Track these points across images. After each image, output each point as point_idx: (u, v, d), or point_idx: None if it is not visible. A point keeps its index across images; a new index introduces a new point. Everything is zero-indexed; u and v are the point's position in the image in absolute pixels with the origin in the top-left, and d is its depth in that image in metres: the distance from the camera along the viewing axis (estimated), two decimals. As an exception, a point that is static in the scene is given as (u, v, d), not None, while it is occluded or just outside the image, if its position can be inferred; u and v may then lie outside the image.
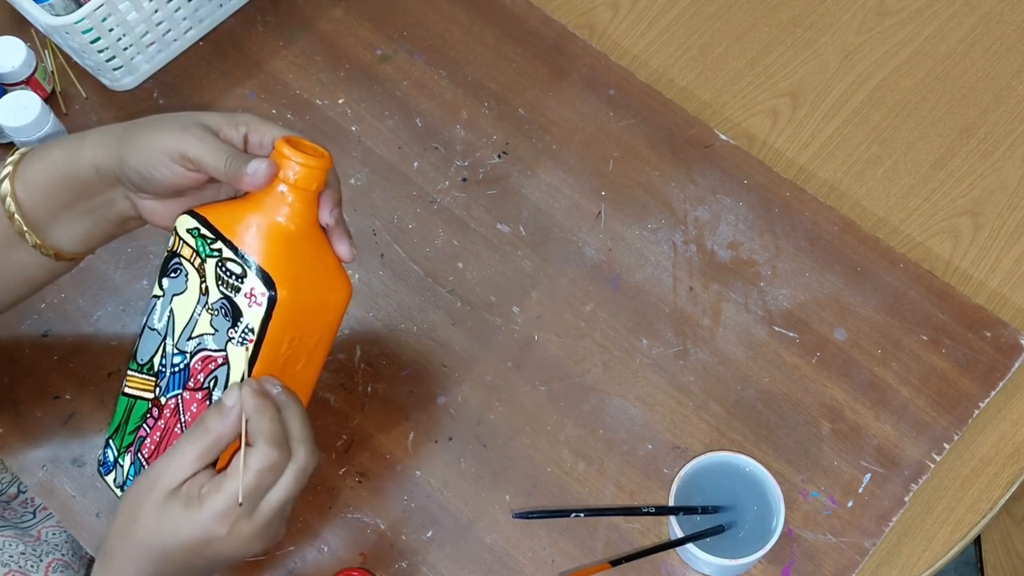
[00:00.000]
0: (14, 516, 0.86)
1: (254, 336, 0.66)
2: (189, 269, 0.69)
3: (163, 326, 0.70)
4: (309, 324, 0.69)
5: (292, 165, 0.67)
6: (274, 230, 0.67)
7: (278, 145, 0.68)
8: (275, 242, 0.67)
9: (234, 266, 0.66)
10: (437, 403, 0.86)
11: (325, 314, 0.71)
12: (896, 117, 0.98)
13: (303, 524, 0.82)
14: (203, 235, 0.68)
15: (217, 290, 0.67)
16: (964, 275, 0.90)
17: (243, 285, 0.66)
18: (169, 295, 0.70)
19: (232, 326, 0.67)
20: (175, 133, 0.68)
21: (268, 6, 1.05)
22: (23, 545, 0.82)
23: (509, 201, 0.94)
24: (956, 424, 0.83)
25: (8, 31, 1.01)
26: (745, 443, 0.83)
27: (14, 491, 0.88)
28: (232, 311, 0.67)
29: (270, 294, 0.66)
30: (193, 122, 0.69)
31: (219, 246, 0.67)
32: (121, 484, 0.73)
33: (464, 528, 0.82)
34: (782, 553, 0.80)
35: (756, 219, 0.92)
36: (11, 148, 0.98)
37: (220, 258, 0.67)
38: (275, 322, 0.66)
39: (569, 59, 1.00)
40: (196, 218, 0.68)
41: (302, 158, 0.67)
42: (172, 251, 0.70)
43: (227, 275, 0.67)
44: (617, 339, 0.88)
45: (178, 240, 0.69)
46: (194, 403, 0.69)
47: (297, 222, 0.68)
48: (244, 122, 0.71)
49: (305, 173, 0.67)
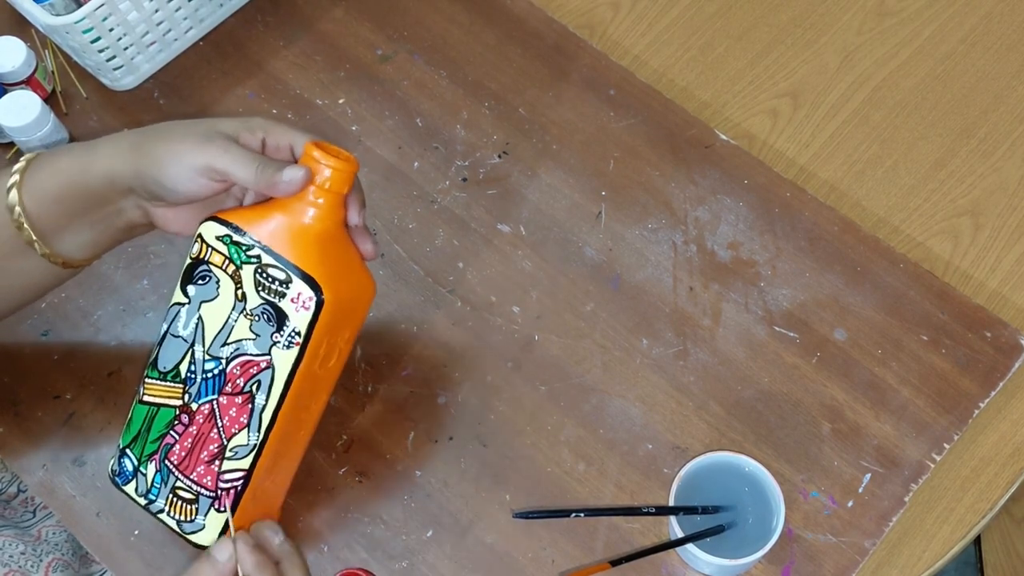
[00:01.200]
0: (14, 515, 0.86)
1: (300, 339, 0.68)
2: (221, 276, 0.69)
3: (190, 333, 0.70)
4: (343, 323, 0.71)
5: (323, 169, 0.68)
6: (310, 233, 0.69)
7: (308, 149, 0.69)
8: (313, 245, 0.68)
9: (276, 272, 0.67)
10: (437, 403, 0.86)
11: (356, 312, 0.73)
12: (896, 117, 0.98)
13: (303, 524, 0.82)
14: (236, 242, 0.68)
15: (257, 296, 0.68)
16: (964, 275, 0.90)
17: (288, 290, 0.67)
18: (197, 302, 0.70)
19: (277, 330, 0.68)
20: (198, 145, 0.68)
21: (268, 6, 1.05)
22: (23, 545, 0.82)
23: (509, 201, 0.94)
24: (956, 424, 0.83)
25: (8, 31, 1.01)
26: (745, 443, 0.83)
27: (14, 490, 0.88)
28: (276, 316, 0.68)
29: (318, 298, 0.67)
30: (213, 132, 0.69)
31: (257, 252, 0.68)
32: (144, 492, 0.72)
33: (464, 528, 0.82)
34: (782, 553, 0.80)
35: (756, 219, 0.92)
36: (11, 148, 0.98)
37: (259, 264, 0.68)
38: (320, 324, 0.68)
39: (569, 59, 1.00)
40: (224, 224, 0.69)
41: (334, 162, 0.68)
42: (198, 258, 0.70)
43: (269, 281, 0.67)
44: (617, 339, 0.88)
45: (206, 247, 0.69)
46: (232, 407, 0.69)
47: (328, 224, 0.70)
48: (260, 126, 0.70)
49: (337, 177, 0.68)
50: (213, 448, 0.70)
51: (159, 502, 0.72)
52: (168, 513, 0.72)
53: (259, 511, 0.75)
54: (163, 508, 0.72)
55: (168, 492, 0.72)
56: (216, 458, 0.70)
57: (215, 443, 0.70)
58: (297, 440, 0.75)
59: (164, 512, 0.72)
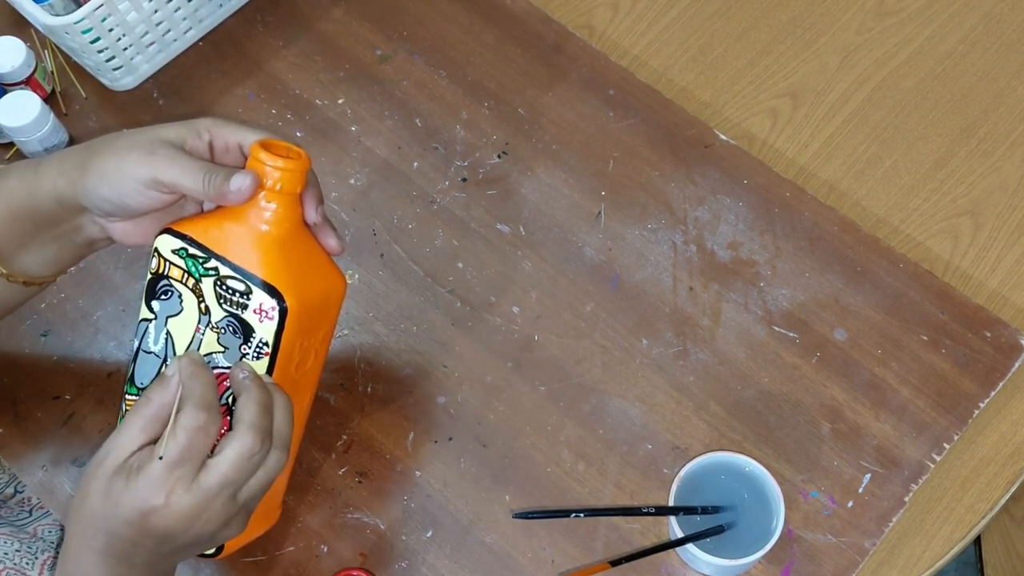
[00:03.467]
0: (10, 514, 0.85)
1: (269, 349, 0.66)
2: (182, 290, 0.67)
3: (161, 348, 0.69)
4: (315, 324, 0.70)
5: (272, 172, 0.66)
6: (267, 239, 0.66)
7: (254, 151, 0.66)
8: (271, 251, 0.66)
9: (235, 283, 0.65)
10: (437, 403, 0.86)
11: (327, 310, 0.71)
12: (896, 117, 0.98)
13: (303, 524, 0.82)
14: (192, 255, 0.66)
15: (220, 308, 0.66)
16: (964, 275, 0.90)
17: (250, 301, 0.65)
18: (163, 317, 0.68)
19: (244, 342, 0.66)
20: (142, 158, 0.66)
21: (268, 6, 1.05)
22: (18, 543, 0.82)
23: (509, 201, 0.94)
24: (956, 424, 0.83)
25: (8, 31, 1.01)
26: (745, 443, 0.83)
27: (11, 491, 0.88)
28: (242, 328, 0.66)
29: (281, 307, 0.65)
30: (157, 141, 0.67)
31: (214, 264, 0.66)
32: None
33: (464, 528, 0.82)
34: (782, 553, 0.80)
35: (756, 219, 0.92)
36: (11, 148, 0.98)
37: (218, 276, 0.66)
38: (287, 331, 0.66)
39: (569, 59, 1.00)
40: (179, 237, 0.67)
41: (282, 163, 0.66)
42: (158, 273, 0.68)
43: (229, 293, 0.66)
44: (617, 339, 0.88)
45: (163, 262, 0.67)
46: None
47: (286, 226, 0.67)
48: (206, 128, 0.69)
49: (287, 177, 0.66)
50: None
51: None
52: None
53: (257, 515, 0.75)
54: None
55: None
56: None
57: None
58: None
59: None
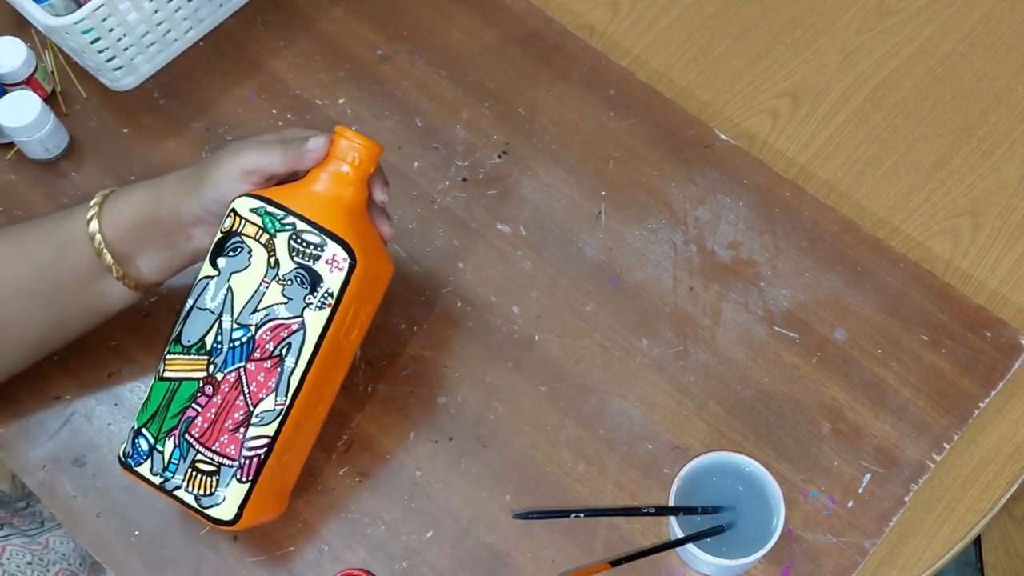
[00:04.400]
0: (22, 524, 0.86)
1: (333, 300, 0.72)
2: (253, 245, 0.73)
3: (218, 304, 0.73)
4: (367, 294, 0.76)
5: (353, 147, 0.74)
6: (342, 204, 0.74)
7: (339, 130, 0.74)
8: (345, 215, 0.74)
9: (311, 236, 0.72)
10: (437, 403, 0.86)
11: (378, 286, 0.77)
12: (896, 117, 0.98)
13: (303, 524, 0.82)
14: (270, 212, 0.72)
15: (291, 261, 0.72)
16: (964, 275, 0.90)
17: (323, 253, 0.72)
18: (227, 273, 0.73)
19: (310, 292, 0.72)
20: (232, 156, 0.75)
21: (268, 6, 1.05)
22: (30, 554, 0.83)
23: (509, 201, 0.94)
24: (956, 424, 0.83)
25: (8, 31, 1.01)
26: (745, 443, 0.83)
27: (23, 504, 0.89)
28: (310, 278, 0.72)
29: (351, 260, 0.72)
30: (248, 142, 0.76)
31: (291, 220, 0.72)
32: (161, 470, 0.73)
33: (464, 528, 0.82)
34: (782, 553, 0.80)
35: (756, 219, 0.92)
36: (11, 148, 0.98)
37: (294, 231, 0.72)
38: (351, 288, 0.72)
39: (569, 59, 1.00)
40: (257, 198, 0.73)
41: (362, 140, 0.74)
42: (231, 231, 0.73)
43: (303, 245, 0.72)
44: (617, 339, 0.88)
45: (238, 219, 0.73)
46: (261, 372, 0.72)
47: (356, 200, 0.75)
48: (292, 134, 0.77)
49: (365, 154, 0.74)
50: (238, 416, 0.72)
51: (176, 478, 0.73)
52: (186, 488, 0.72)
53: (273, 493, 0.76)
54: (180, 484, 0.73)
55: (187, 467, 0.72)
56: (241, 425, 0.72)
57: (241, 410, 0.72)
58: (315, 415, 0.77)
59: (182, 488, 0.73)
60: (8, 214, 0.96)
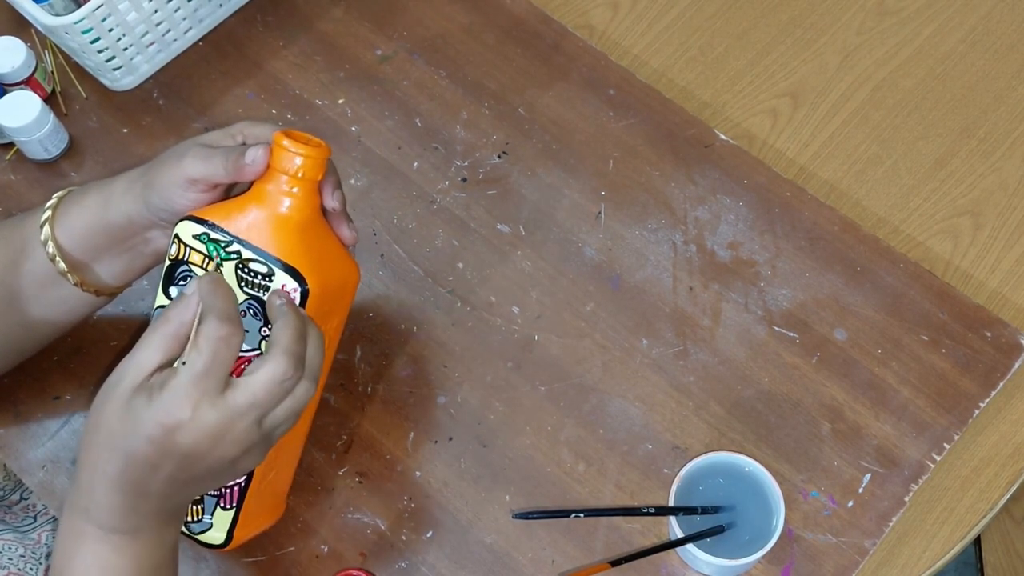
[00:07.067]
0: (15, 520, 0.86)
1: None
2: (202, 274, 0.68)
3: None
4: (331, 310, 0.71)
5: (294, 158, 0.67)
6: (288, 223, 0.68)
7: (276, 139, 0.68)
8: (292, 235, 0.68)
9: (258, 266, 0.66)
10: (437, 403, 0.86)
11: (343, 298, 0.73)
12: (896, 117, 0.98)
13: (303, 524, 0.82)
14: (214, 239, 0.67)
15: (241, 292, 0.67)
16: (964, 275, 0.90)
17: (272, 283, 0.66)
18: None
19: (264, 324, 0.67)
20: (175, 162, 0.70)
21: (268, 6, 1.05)
22: (22, 548, 0.82)
23: (509, 201, 0.94)
24: (956, 424, 0.83)
25: (8, 31, 1.01)
26: (745, 443, 0.83)
27: (16, 498, 0.89)
28: (263, 310, 0.67)
29: (302, 289, 0.66)
30: (191, 145, 0.71)
31: (236, 248, 0.67)
32: None
33: (464, 528, 0.82)
34: (782, 553, 0.80)
35: (756, 219, 0.92)
36: (11, 148, 0.98)
37: (240, 259, 0.67)
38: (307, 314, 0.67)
39: (569, 59, 1.00)
40: (200, 223, 0.68)
41: (303, 149, 0.67)
42: (178, 259, 0.69)
43: (251, 275, 0.67)
44: (617, 339, 0.88)
45: (183, 247, 0.68)
46: None
47: (305, 212, 0.69)
48: (239, 130, 0.73)
49: (308, 164, 0.68)
50: None
51: None
52: None
53: (264, 508, 0.75)
54: None
55: None
56: None
57: None
58: (297, 431, 0.74)
59: None
60: (8, 214, 0.96)
